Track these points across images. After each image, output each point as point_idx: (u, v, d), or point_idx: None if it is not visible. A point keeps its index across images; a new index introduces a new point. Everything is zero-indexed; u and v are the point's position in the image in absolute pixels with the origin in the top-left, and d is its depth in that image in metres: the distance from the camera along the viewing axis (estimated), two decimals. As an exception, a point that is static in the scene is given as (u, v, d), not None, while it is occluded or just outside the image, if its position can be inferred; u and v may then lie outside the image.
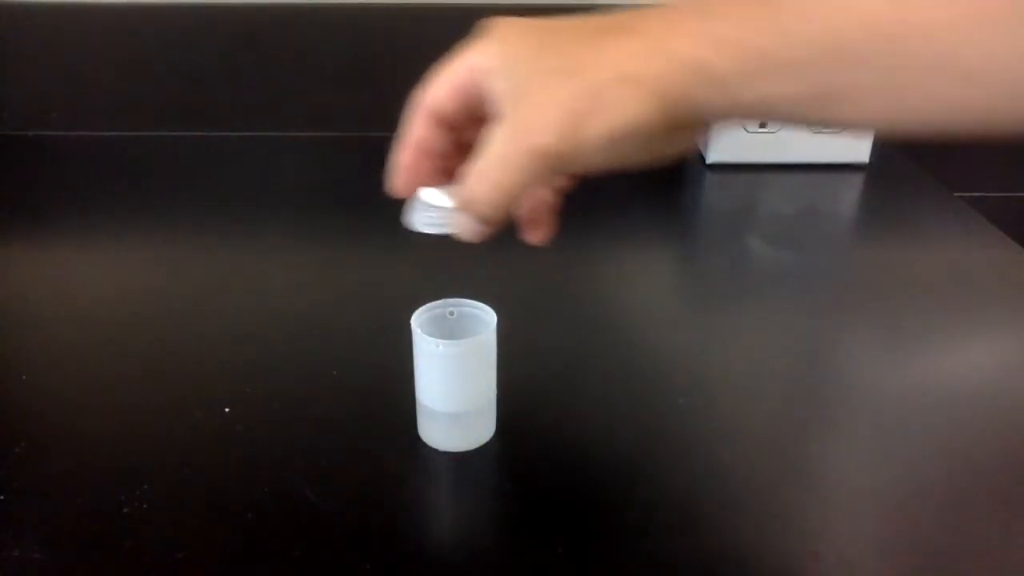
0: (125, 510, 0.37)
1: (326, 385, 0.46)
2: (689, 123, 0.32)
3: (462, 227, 0.36)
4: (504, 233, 0.43)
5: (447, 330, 0.41)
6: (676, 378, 0.47)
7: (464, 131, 0.38)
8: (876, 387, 0.46)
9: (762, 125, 0.73)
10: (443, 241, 0.62)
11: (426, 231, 0.37)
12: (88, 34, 0.76)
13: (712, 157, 0.75)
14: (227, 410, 0.43)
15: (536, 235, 0.40)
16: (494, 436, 0.42)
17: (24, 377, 0.46)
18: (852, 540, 0.36)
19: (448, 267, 0.57)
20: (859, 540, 0.36)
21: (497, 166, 0.33)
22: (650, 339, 0.45)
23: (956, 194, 0.72)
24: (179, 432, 0.42)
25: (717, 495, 0.38)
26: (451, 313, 0.41)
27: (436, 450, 0.41)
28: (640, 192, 0.73)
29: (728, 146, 0.74)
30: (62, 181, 0.72)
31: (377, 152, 0.85)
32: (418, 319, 0.40)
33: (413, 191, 0.38)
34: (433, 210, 0.37)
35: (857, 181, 0.74)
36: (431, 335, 0.39)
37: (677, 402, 0.45)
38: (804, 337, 0.35)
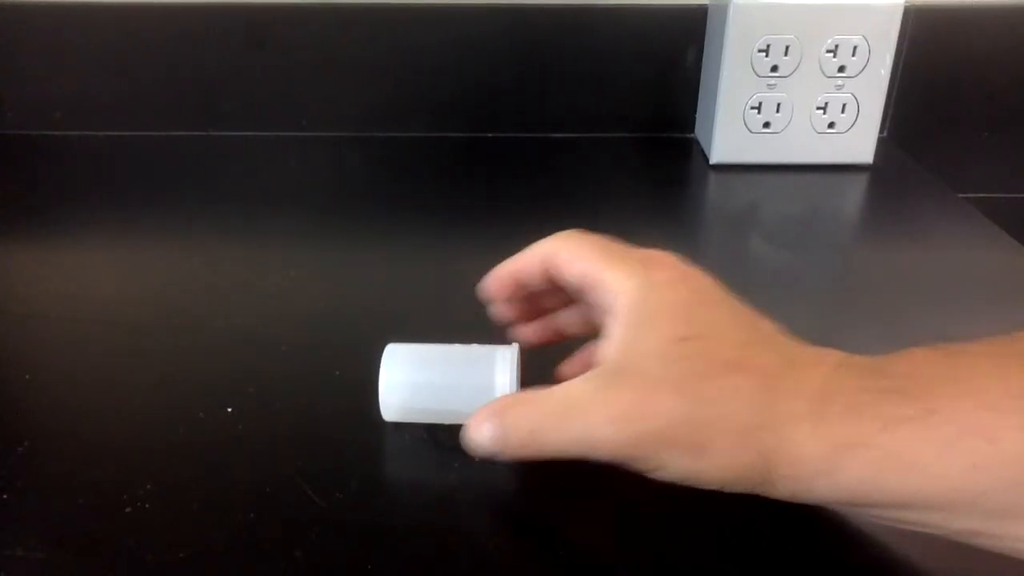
0: (127, 510, 0.37)
1: (330, 385, 0.46)
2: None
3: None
4: (507, 236, 0.43)
5: None
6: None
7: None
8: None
9: (765, 125, 0.73)
10: (448, 242, 0.62)
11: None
12: (90, 34, 0.76)
13: (715, 157, 0.75)
14: (229, 410, 0.43)
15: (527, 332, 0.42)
16: None
17: (27, 377, 0.46)
18: (851, 539, 0.36)
19: (452, 267, 0.57)
20: (858, 539, 0.36)
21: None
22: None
23: (960, 195, 0.71)
24: (181, 432, 0.42)
25: (722, 495, 0.38)
26: None
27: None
28: (642, 192, 0.73)
29: (731, 146, 0.74)
30: (65, 181, 0.73)
31: (378, 152, 0.85)
32: None
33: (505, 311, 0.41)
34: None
35: (861, 181, 0.74)
36: None
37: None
38: (806, 337, 0.35)
